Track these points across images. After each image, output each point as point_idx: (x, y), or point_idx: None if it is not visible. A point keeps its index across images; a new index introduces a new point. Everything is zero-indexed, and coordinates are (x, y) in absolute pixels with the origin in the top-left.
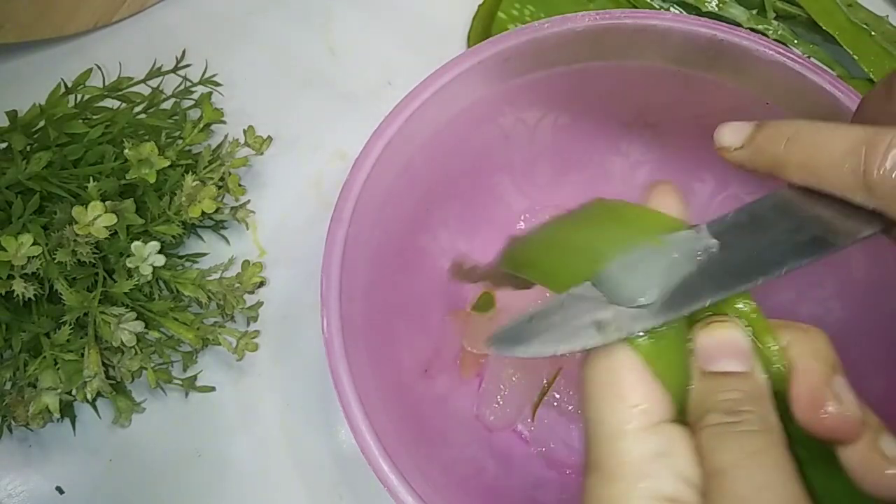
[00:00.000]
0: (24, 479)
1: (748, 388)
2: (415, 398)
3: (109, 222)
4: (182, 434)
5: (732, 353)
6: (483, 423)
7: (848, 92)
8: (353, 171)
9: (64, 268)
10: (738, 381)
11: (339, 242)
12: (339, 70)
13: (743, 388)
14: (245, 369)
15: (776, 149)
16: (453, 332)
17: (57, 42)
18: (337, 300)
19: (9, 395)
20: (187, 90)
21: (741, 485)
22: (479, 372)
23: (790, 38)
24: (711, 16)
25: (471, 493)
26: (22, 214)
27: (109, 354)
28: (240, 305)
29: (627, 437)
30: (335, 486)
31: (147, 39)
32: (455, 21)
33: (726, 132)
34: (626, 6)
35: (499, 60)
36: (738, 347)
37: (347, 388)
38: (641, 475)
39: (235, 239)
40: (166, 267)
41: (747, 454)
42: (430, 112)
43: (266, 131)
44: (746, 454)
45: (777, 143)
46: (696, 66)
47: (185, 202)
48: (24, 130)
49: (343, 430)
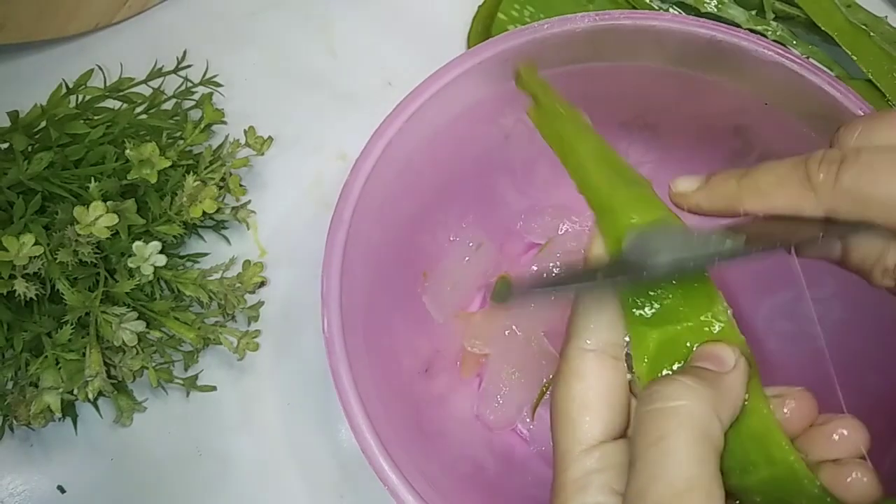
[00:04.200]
0: (25, 479)
1: (696, 372)
2: (415, 398)
3: (111, 222)
4: (183, 433)
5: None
6: (483, 422)
7: (847, 92)
8: (354, 171)
9: (65, 268)
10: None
11: (339, 242)
12: (339, 71)
13: (692, 370)
14: (246, 369)
15: (729, 186)
16: (453, 332)
17: (58, 42)
18: (337, 300)
19: (10, 395)
20: (188, 91)
21: (640, 477)
22: (479, 372)
23: (789, 39)
24: (710, 17)
25: (471, 492)
26: (23, 214)
27: (111, 354)
28: (241, 305)
29: (572, 458)
30: (335, 486)
31: (148, 40)
32: (455, 22)
33: (681, 182)
34: (625, 7)
35: (499, 61)
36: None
37: (348, 387)
38: (578, 490)
39: (236, 239)
40: (167, 267)
41: (654, 440)
42: (431, 113)
43: (267, 132)
44: (653, 440)
45: (729, 182)
46: (695, 66)
47: (187, 202)
48: (26, 131)
49: (343, 430)
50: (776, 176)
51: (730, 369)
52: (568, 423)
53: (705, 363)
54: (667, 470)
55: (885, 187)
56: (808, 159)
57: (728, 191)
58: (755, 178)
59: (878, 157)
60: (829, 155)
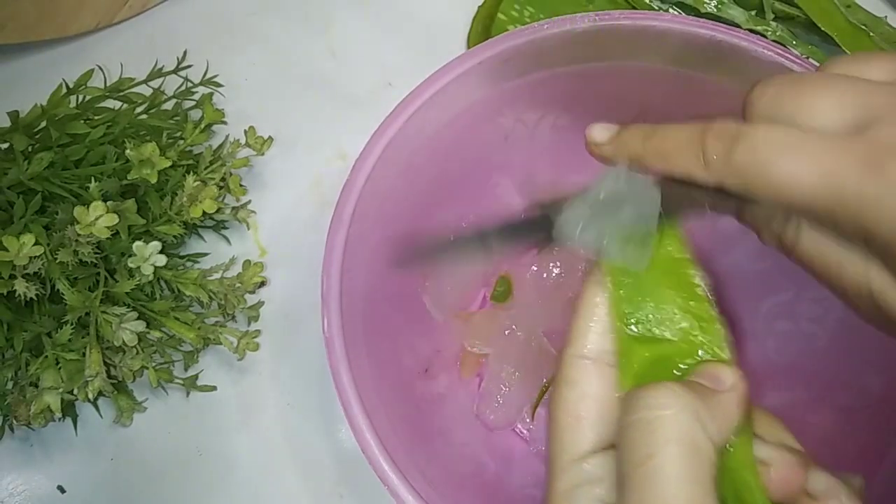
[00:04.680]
0: (25, 479)
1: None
2: (415, 398)
3: (111, 222)
4: (183, 433)
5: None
6: (483, 422)
7: None
8: (354, 171)
9: (65, 268)
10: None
11: (339, 242)
12: (339, 71)
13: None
14: (246, 369)
15: (635, 143)
16: (453, 332)
17: (59, 43)
18: (338, 300)
19: (10, 395)
20: (188, 91)
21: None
22: (479, 372)
23: (789, 39)
24: (710, 17)
25: (471, 491)
26: (24, 214)
27: (111, 354)
28: (241, 305)
29: (560, 467)
30: (335, 486)
31: (148, 40)
32: (455, 22)
33: (596, 129)
34: (625, 7)
35: (498, 61)
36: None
37: (348, 387)
38: (566, 502)
39: (236, 239)
40: (167, 267)
41: (642, 458)
42: (431, 113)
43: (267, 132)
44: (640, 458)
45: (636, 139)
46: (695, 66)
47: (187, 202)
48: (26, 131)
49: (343, 430)
50: (675, 141)
51: (726, 389)
52: (558, 431)
53: (700, 379)
54: (658, 494)
55: (775, 172)
56: (706, 132)
57: (634, 148)
58: (658, 139)
59: (773, 135)
60: (725, 130)
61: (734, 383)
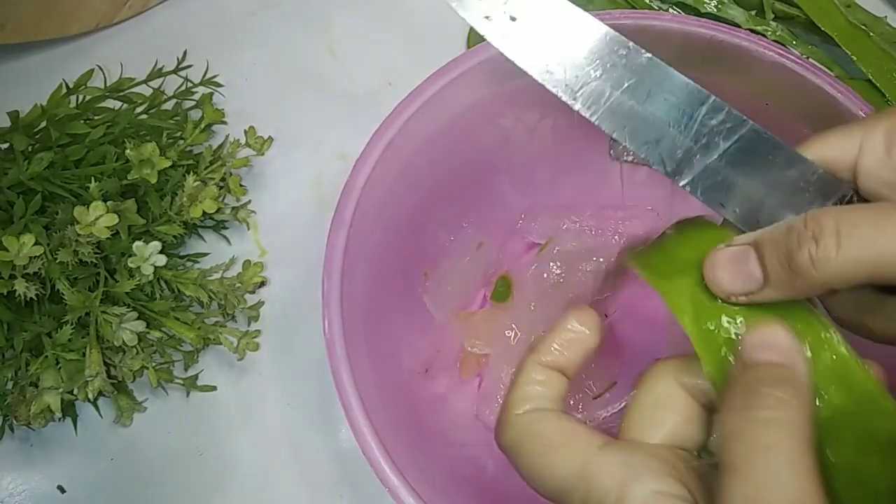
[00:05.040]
0: (25, 479)
1: (781, 376)
2: (415, 398)
3: (111, 222)
4: (183, 433)
5: (773, 347)
6: (483, 422)
7: (846, 93)
8: (354, 171)
9: (65, 268)
10: (774, 369)
11: (340, 243)
12: (339, 71)
13: (777, 375)
14: (246, 369)
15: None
16: (453, 332)
17: (59, 43)
18: (338, 300)
19: (10, 395)
20: (188, 91)
21: (748, 484)
22: (479, 372)
23: (789, 39)
24: (710, 17)
25: (471, 492)
26: (24, 214)
27: (111, 354)
28: (241, 305)
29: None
30: (335, 486)
31: (148, 40)
32: (455, 22)
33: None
34: (625, 7)
35: (499, 61)
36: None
37: (348, 387)
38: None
39: (236, 239)
40: (167, 267)
41: (762, 446)
42: (431, 113)
43: (267, 132)
44: (761, 447)
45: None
46: (695, 66)
47: (187, 202)
48: (26, 131)
49: (344, 430)
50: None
51: (795, 361)
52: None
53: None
54: (778, 481)
55: None
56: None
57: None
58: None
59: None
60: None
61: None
